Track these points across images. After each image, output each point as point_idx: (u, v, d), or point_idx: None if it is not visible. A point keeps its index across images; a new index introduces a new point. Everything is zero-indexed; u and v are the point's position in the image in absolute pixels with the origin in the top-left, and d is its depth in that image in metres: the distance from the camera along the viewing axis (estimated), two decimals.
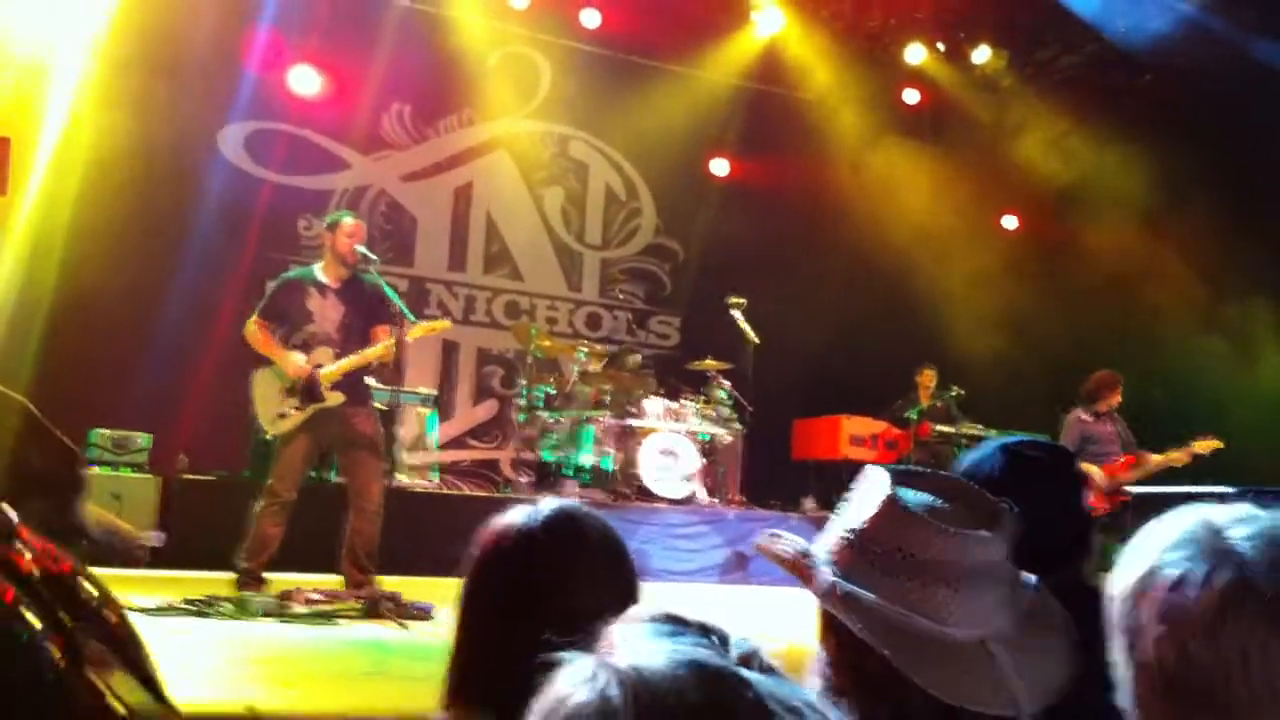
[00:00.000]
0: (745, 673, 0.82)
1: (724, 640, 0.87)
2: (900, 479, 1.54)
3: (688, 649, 0.83)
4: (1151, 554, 1.24)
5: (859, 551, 1.50)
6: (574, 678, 0.83)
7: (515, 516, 1.69)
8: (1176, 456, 8.98)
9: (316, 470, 8.82)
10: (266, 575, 6.79)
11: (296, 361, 6.90)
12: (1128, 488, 8.94)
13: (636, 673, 0.81)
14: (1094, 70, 12.20)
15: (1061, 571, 1.66)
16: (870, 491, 1.53)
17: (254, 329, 7.06)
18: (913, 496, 1.52)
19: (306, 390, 6.90)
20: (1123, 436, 9.30)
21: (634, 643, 0.85)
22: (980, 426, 11.10)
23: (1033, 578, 1.59)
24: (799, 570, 1.54)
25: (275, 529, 6.80)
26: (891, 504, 1.49)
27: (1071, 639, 1.55)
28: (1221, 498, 1.27)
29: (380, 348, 7.03)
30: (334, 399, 6.95)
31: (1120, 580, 1.27)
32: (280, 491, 6.87)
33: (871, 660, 1.43)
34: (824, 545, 1.55)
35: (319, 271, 7.17)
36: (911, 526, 1.47)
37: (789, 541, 1.59)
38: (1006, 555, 1.52)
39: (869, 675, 1.45)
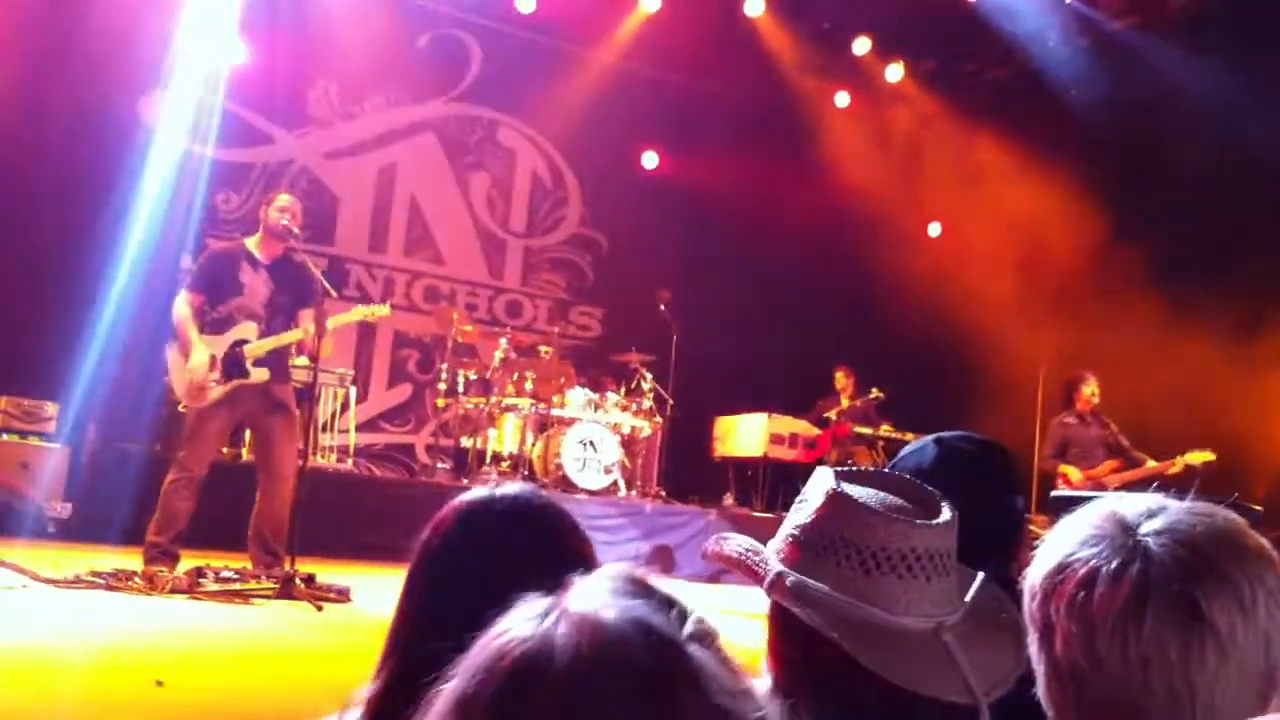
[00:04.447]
0: (693, 648, 0.81)
1: (683, 615, 0.84)
2: (845, 476, 1.54)
3: (643, 611, 0.82)
4: (1064, 547, 1.22)
5: (806, 547, 1.49)
6: (525, 614, 0.83)
7: (479, 493, 1.64)
8: (1165, 465, 8.83)
9: (230, 448, 8.67)
10: (178, 552, 6.61)
11: (200, 360, 6.68)
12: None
13: (585, 621, 0.80)
14: (1018, 85, 12.35)
15: (984, 566, 1.64)
16: (816, 489, 1.53)
17: (183, 304, 6.88)
18: (858, 490, 1.52)
19: (230, 364, 6.76)
20: (1110, 441, 9.23)
21: (592, 594, 0.83)
22: (901, 430, 11.18)
23: (980, 573, 1.58)
24: (746, 566, 1.53)
25: (185, 504, 6.64)
26: (836, 497, 1.49)
27: (1019, 634, 1.53)
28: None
29: (299, 331, 6.96)
30: (258, 375, 6.83)
31: (1034, 574, 1.25)
32: (191, 466, 6.73)
33: (822, 652, 1.42)
34: (773, 546, 1.55)
35: (253, 246, 7.06)
36: (856, 517, 1.47)
37: (737, 541, 1.58)
38: (953, 548, 1.51)
39: (820, 668, 1.44)
